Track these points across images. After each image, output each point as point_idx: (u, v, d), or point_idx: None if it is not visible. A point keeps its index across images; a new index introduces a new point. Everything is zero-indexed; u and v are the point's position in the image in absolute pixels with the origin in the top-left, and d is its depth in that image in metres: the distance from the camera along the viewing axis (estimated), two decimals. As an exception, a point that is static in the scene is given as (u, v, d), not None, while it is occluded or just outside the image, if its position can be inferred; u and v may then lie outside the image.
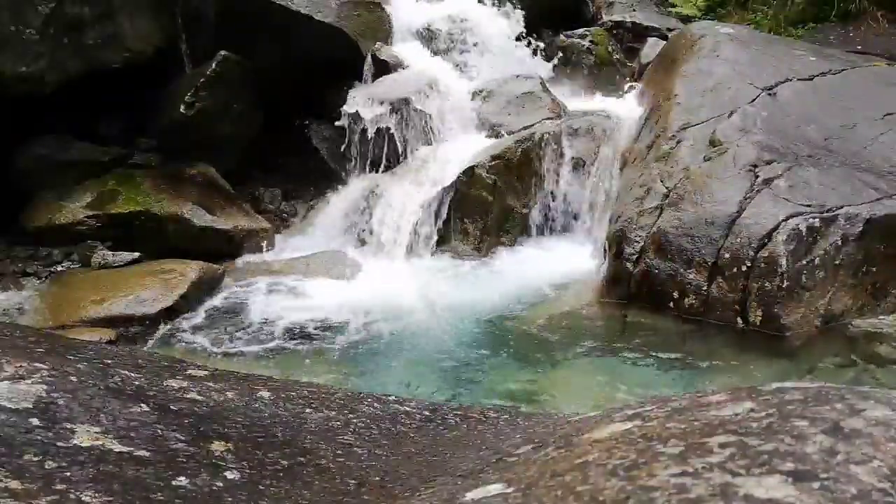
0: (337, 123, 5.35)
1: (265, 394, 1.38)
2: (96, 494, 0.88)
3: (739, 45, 5.29)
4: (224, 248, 4.80)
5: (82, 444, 0.99)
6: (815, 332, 3.71)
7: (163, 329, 3.83)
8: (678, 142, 4.51)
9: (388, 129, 5.29)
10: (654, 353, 3.60)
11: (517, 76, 5.88)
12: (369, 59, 5.60)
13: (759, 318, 3.71)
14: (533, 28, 6.74)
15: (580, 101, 6.01)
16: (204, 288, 4.19)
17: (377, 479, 1.09)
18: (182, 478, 0.98)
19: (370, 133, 5.30)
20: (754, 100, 4.68)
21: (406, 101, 5.31)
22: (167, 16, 5.08)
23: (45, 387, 1.12)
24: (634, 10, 7.43)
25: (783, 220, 3.77)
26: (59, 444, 0.98)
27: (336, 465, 1.13)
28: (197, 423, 1.17)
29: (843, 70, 5.13)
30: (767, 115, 4.53)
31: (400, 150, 5.33)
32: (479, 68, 6.09)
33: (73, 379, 1.19)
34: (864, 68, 5.27)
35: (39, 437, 0.98)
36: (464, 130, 5.45)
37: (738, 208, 3.93)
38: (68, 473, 0.91)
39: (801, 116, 4.58)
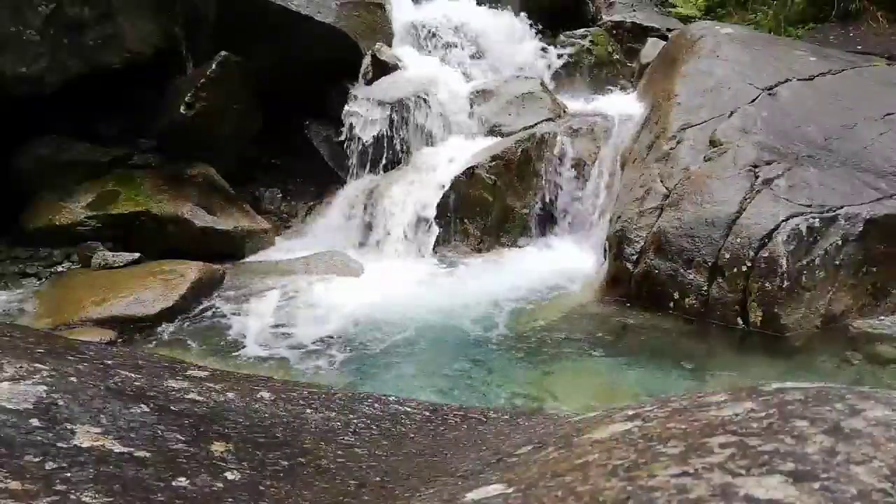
0: (342, 129, 5.36)
1: (265, 394, 1.38)
2: (96, 495, 0.88)
3: (739, 45, 5.29)
4: (224, 249, 4.80)
5: (82, 445, 0.99)
6: (815, 332, 3.71)
7: (163, 329, 3.82)
8: (678, 142, 4.51)
9: (388, 129, 5.29)
10: (654, 353, 3.60)
11: (517, 76, 5.89)
12: (369, 59, 5.60)
13: (760, 318, 3.71)
14: (533, 28, 6.75)
15: (580, 101, 6.01)
16: (204, 288, 4.19)
17: (378, 479, 1.09)
18: (182, 478, 0.98)
19: (370, 133, 5.31)
20: (754, 100, 4.68)
21: (406, 102, 5.32)
22: (167, 16, 5.08)
23: (45, 387, 1.12)
24: (634, 11, 7.45)
25: (783, 221, 3.77)
26: (59, 444, 0.98)
27: (336, 465, 1.13)
28: (197, 424, 1.17)
29: (843, 70, 5.13)
30: (767, 116, 4.53)
31: (400, 150, 5.33)
32: (479, 68, 6.10)
33: (74, 379, 1.19)
34: (864, 68, 5.27)
35: (40, 438, 0.98)
36: (463, 131, 5.45)
37: (738, 208, 3.93)
38: (68, 474, 0.91)
39: (801, 116, 4.58)
